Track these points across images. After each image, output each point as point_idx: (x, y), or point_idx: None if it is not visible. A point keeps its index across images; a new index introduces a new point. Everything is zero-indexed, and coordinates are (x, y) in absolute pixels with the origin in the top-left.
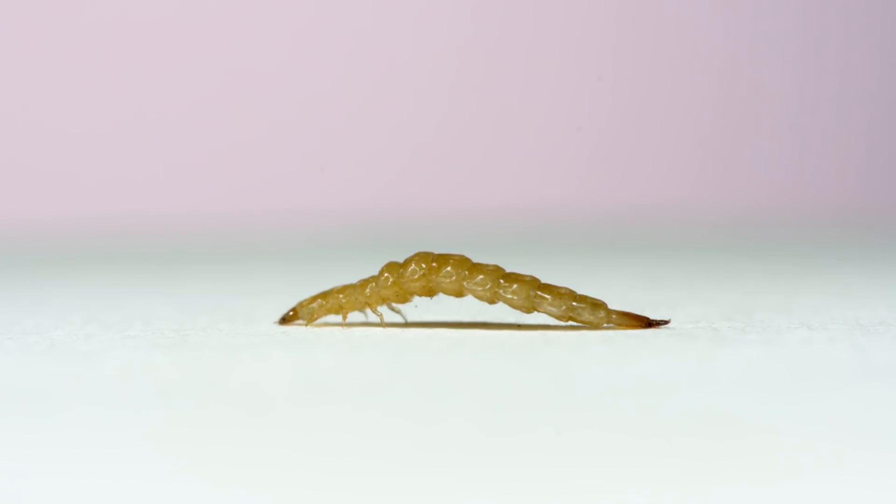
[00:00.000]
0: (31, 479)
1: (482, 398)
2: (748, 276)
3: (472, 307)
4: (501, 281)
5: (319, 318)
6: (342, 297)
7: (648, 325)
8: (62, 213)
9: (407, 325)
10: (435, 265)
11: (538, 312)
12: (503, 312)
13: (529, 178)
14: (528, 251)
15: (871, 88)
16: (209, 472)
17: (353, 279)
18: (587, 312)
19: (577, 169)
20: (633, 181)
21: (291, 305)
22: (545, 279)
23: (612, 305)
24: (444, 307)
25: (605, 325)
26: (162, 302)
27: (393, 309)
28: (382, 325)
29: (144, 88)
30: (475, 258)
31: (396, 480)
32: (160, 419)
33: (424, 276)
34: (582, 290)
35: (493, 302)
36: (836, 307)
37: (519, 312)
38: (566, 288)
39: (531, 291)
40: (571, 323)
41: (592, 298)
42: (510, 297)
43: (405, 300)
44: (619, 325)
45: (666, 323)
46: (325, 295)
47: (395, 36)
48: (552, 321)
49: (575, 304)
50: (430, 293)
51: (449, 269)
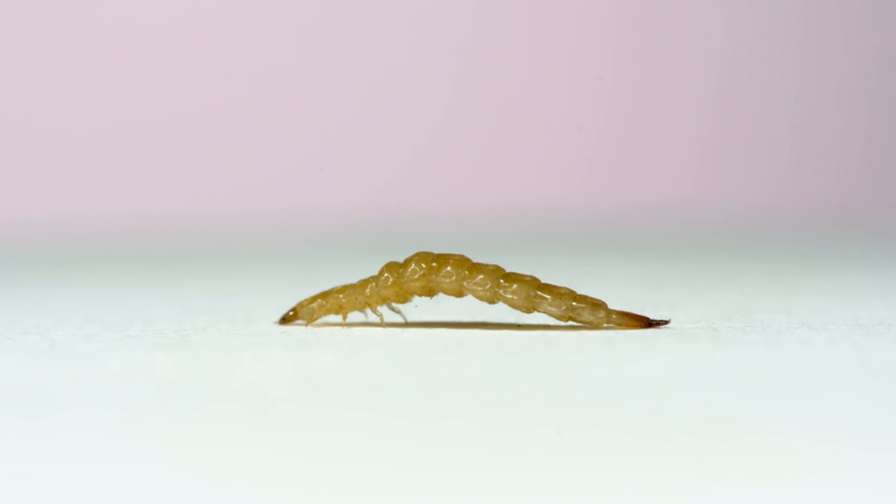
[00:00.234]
0: (31, 479)
1: (482, 398)
2: (748, 276)
3: (472, 307)
4: (501, 281)
5: (319, 318)
6: (342, 297)
7: (648, 325)
8: (62, 213)
9: (407, 325)
10: (435, 265)
11: (538, 312)
12: (503, 312)
13: (529, 178)
14: (528, 251)
15: (871, 88)
16: (209, 472)
17: (353, 279)
18: (587, 312)
19: (577, 169)
20: (633, 181)
21: (291, 305)
22: (545, 279)
23: (612, 305)
24: (444, 307)
25: (605, 325)
26: (162, 302)
27: (393, 309)
28: (382, 325)
29: (144, 88)
30: (475, 258)
31: (396, 480)
32: (160, 419)
33: (424, 276)
34: (582, 290)
35: (493, 302)
36: (836, 307)
37: (519, 312)
38: (566, 288)
39: (531, 291)
40: (571, 323)
41: (592, 298)
42: (510, 297)
43: (405, 300)
44: (619, 325)
45: (666, 323)
46: (325, 295)
47: (395, 36)
48: (552, 321)
49: (575, 304)
50: (430, 293)
51: (449, 269)
